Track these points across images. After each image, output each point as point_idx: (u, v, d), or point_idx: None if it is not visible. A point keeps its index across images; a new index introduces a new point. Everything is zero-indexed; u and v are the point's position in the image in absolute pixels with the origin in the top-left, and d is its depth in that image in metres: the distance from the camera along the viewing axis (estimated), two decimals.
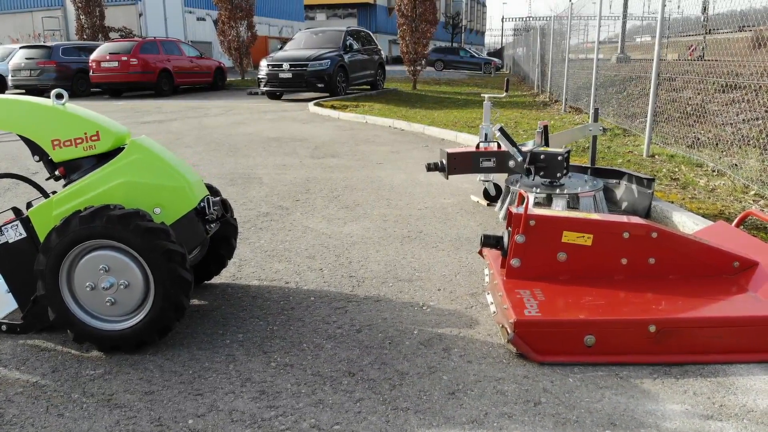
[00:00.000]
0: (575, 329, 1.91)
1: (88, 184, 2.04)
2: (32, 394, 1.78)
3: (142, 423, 1.63)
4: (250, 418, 1.64)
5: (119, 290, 1.95)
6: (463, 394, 1.74)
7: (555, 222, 2.19)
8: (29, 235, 2.09)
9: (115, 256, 1.94)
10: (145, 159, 2.10)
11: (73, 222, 1.91)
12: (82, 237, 1.92)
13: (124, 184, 2.03)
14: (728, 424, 1.60)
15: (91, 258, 1.95)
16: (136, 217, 1.92)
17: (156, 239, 1.90)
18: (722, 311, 2.04)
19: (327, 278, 2.69)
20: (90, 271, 1.95)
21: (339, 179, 4.86)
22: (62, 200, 2.04)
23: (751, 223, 3.25)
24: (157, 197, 2.06)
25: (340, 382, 1.82)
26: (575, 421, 1.61)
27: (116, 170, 2.05)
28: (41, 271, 1.95)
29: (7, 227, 2.10)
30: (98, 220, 1.90)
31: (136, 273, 1.94)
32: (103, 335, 1.98)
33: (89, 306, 1.99)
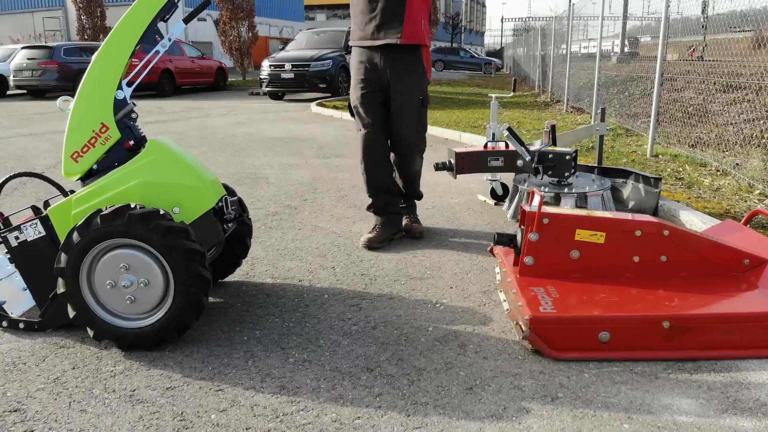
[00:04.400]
0: (590, 325, 1.93)
1: (107, 183, 2.06)
2: (54, 391, 1.80)
3: (165, 418, 1.65)
4: (272, 412, 1.67)
5: (139, 288, 1.98)
6: (481, 389, 1.77)
7: (568, 220, 2.21)
8: (48, 233, 2.11)
9: (136, 255, 1.96)
10: (164, 159, 2.12)
11: (95, 220, 1.93)
12: (103, 235, 1.94)
13: (143, 183, 2.05)
14: (742, 418, 1.62)
15: (112, 256, 1.97)
16: (157, 217, 1.94)
17: (176, 238, 1.92)
18: (734, 308, 2.07)
19: (339, 276, 2.71)
20: (110, 270, 1.97)
21: (346, 179, 4.88)
22: (81, 199, 2.06)
23: (759, 222, 3.28)
24: (176, 197, 2.08)
25: (359, 377, 1.84)
26: (593, 416, 1.64)
27: (135, 170, 2.07)
28: (62, 269, 1.97)
29: (26, 225, 2.12)
30: (119, 218, 1.92)
31: (156, 271, 1.96)
32: (123, 333, 2.01)
33: (109, 304, 2.01)
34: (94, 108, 2.09)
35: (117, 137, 2.11)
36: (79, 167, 2.11)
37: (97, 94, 2.09)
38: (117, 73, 2.09)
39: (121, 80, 2.11)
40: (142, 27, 2.09)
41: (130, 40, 2.08)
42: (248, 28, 19.61)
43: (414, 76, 3.04)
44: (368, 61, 3.05)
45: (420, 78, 3.07)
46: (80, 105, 2.10)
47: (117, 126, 2.11)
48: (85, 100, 2.10)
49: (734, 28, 5.33)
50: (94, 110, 2.09)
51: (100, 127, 2.09)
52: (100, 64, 2.10)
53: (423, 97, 3.09)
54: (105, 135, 2.09)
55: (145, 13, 2.08)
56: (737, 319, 1.97)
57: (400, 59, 2.99)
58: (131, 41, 2.08)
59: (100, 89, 2.09)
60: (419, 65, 3.04)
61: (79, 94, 2.10)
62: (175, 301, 1.97)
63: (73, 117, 2.10)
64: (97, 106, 2.09)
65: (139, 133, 2.22)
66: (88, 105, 2.10)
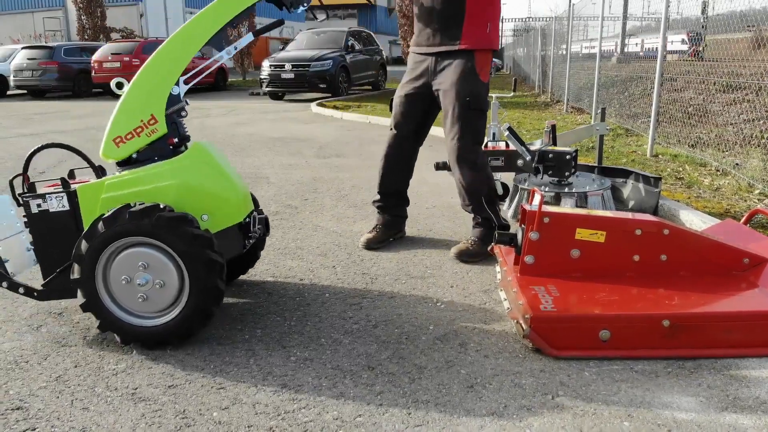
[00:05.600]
0: (590, 324, 1.94)
1: (143, 176, 2.04)
2: (56, 389, 1.81)
3: (168, 416, 1.66)
4: (274, 410, 1.67)
5: (154, 288, 1.97)
6: (481, 388, 1.77)
7: (569, 219, 2.22)
8: (72, 209, 2.08)
9: (156, 256, 1.95)
10: (205, 164, 2.11)
11: (123, 215, 1.91)
12: (128, 232, 1.92)
13: (180, 185, 2.03)
14: (742, 416, 1.63)
15: (133, 253, 1.95)
16: (185, 223, 1.93)
17: (201, 247, 1.92)
18: (734, 306, 2.07)
19: (340, 275, 2.72)
20: (128, 266, 1.96)
21: (346, 179, 4.89)
22: (114, 186, 2.03)
23: (758, 222, 3.29)
24: (208, 205, 2.07)
25: (360, 375, 1.85)
26: (593, 414, 1.64)
27: (175, 170, 2.05)
28: (81, 256, 1.95)
29: (51, 196, 2.08)
30: (147, 218, 1.90)
31: (173, 275, 1.95)
32: (127, 328, 2.00)
33: (120, 298, 2.00)
34: (148, 98, 2.07)
35: (163, 132, 2.09)
36: (119, 153, 2.09)
37: (154, 85, 2.08)
38: (179, 69, 2.08)
39: (179, 76, 2.10)
40: (214, 29, 2.08)
41: (199, 39, 2.08)
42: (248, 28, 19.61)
43: (463, 76, 2.76)
44: (421, 62, 2.93)
45: (469, 79, 2.77)
46: (135, 92, 2.08)
47: (165, 120, 2.09)
48: (141, 88, 2.08)
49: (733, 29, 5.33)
50: (148, 100, 2.07)
51: (150, 118, 2.06)
52: (163, 56, 2.08)
53: (471, 100, 2.77)
54: (152, 127, 2.07)
55: (221, 16, 2.08)
56: (737, 317, 1.98)
57: (451, 60, 2.81)
58: (200, 41, 2.08)
59: (159, 81, 2.08)
60: (470, 66, 2.77)
61: (136, 81, 2.08)
62: (186, 306, 1.96)
63: (124, 102, 2.08)
64: (152, 97, 2.07)
65: (184, 131, 2.22)
66: (142, 94, 2.08)
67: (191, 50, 2.08)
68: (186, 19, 20.06)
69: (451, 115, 2.81)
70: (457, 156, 2.85)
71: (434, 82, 2.88)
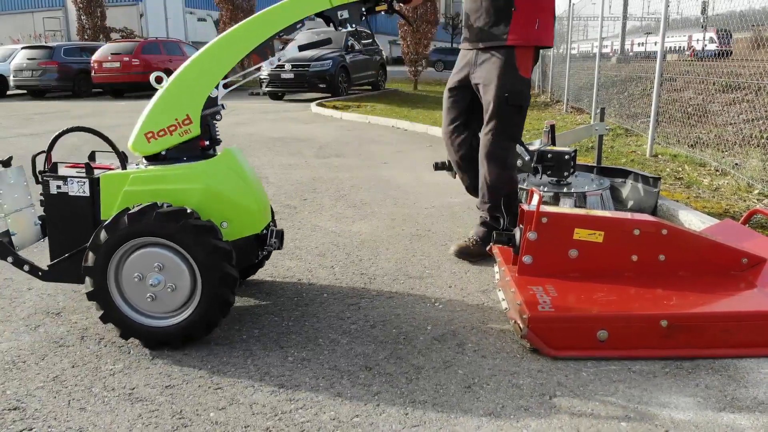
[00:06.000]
0: (588, 324, 1.94)
1: (170, 175, 2.02)
2: (53, 389, 1.80)
3: (164, 416, 1.65)
4: (271, 410, 1.67)
5: (164, 290, 1.95)
6: (479, 388, 1.77)
7: (567, 219, 2.22)
8: (92, 196, 2.06)
9: (172, 258, 1.93)
10: (233, 172, 2.11)
11: (150, 214, 1.90)
12: (153, 232, 1.90)
13: (205, 190, 2.02)
14: (740, 416, 1.63)
15: (149, 252, 1.94)
16: (210, 232, 1.92)
17: (219, 259, 1.91)
18: (732, 306, 2.07)
19: (338, 275, 2.72)
20: (143, 264, 1.95)
21: (345, 179, 4.88)
22: (139, 180, 2.02)
23: (757, 222, 3.29)
24: (230, 213, 2.06)
25: (358, 376, 1.85)
26: (590, 414, 1.64)
27: (203, 173, 2.04)
28: (98, 246, 1.92)
29: (72, 180, 2.06)
30: (173, 222, 1.89)
31: (186, 281, 1.94)
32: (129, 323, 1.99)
33: (129, 293, 1.99)
34: (186, 97, 2.06)
35: (196, 133, 2.07)
36: (149, 148, 2.06)
37: (194, 85, 2.06)
38: (222, 72, 2.07)
39: (221, 80, 2.09)
40: (263, 37, 2.07)
41: (247, 44, 2.07)
42: None
43: (502, 71, 2.71)
44: (465, 56, 2.92)
45: (508, 74, 2.70)
46: (174, 89, 2.07)
47: (200, 122, 2.08)
48: (180, 86, 2.07)
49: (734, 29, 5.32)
50: (185, 99, 2.05)
51: (185, 118, 2.04)
52: (208, 58, 2.07)
53: (509, 96, 2.70)
54: (186, 127, 2.05)
55: (272, 26, 2.08)
56: (735, 318, 1.97)
57: (492, 55, 2.76)
58: (248, 46, 2.07)
59: (200, 82, 2.06)
60: (510, 61, 2.71)
61: (177, 79, 2.07)
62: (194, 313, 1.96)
63: (161, 97, 2.06)
64: (190, 97, 2.05)
65: (216, 134, 2.21)
66: (181, 92, 2.06)
67: (237, 55, 2.07)
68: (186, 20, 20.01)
69: (489, 110, 2.77)
70: (488, 152, 2.79)
71: (473, 76, 2.86)
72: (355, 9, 2.18)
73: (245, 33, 2.08)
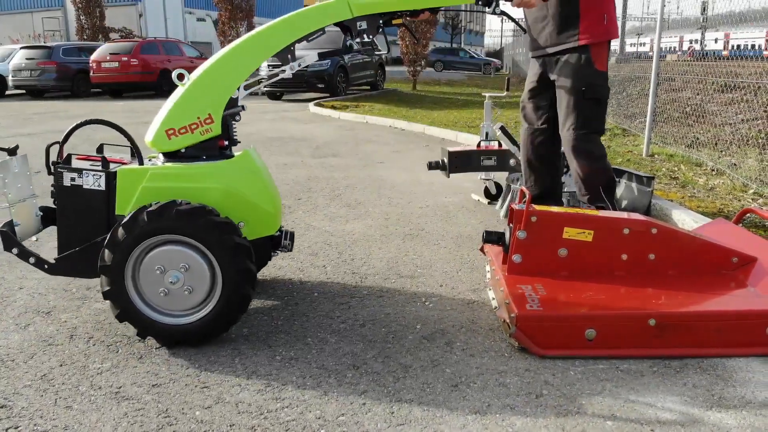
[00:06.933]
0: (576, 323, 1.93)
1: (190, 174, 2.02)
2: (40, 387, 1.80)
3: (150, 415, 1.65)
4: (257, 409, 1.67)
5: (183, 288, 1.95)
6: (466, 387, 1.77)
7: (556, 218, 2.22)
8: (107, 191, 2.05)
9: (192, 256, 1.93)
10: (251, 173, 2.13)
11: (167, 212, 1.89)
12: (171, 229, 1.90)
13: (224, 189, 2.02)
14: (727, 416, 1.62)
15: (168, 250, 1.94)
16: (229, 228, 1.92)
17: (240, 256, 1.91)
18: (721, 306, 2.07)
19: (330, 275, 2.72)
20: (162, 261, 1.94)
21: (340, 178, 4.88)
22: (157, 176, 2.01)
23: (750, 221, 3.28)
24: (248, 214, 2.06)
25: (345, 374, 1.84)
26: (576, 413, 1.64)
27: (223, 173, 2.05)
28: (117, 243, 1.91)
29: (88, 173, 2.05)
30: (193, 219, 1.89)
31: (206, 278, 1.94)
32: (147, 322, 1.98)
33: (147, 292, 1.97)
34: (209, 96, 2.06)
35: (217, 133, 2.07)
36: (168, 145, 2.06)
37: (217, 85, 2.06)
38: (245, 73, 2.08)
39: (243, 81, 2.10)
40: (286, 41, 2.09)
41: (271, 48, 2.08)
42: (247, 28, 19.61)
43: (579, 67, 2.74)
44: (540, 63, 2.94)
45: (584, 69, 2.74)
46: (196, 88, 2.07)
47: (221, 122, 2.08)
48: (204, 85, 2.07)
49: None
50: (208, 99, 2.05)
51: (207, 117, 2.04)
52: (232, 59, 2.08)
53: (586, 89, 2.72)
54: (207, 126, 2.05)
55: (297, 30, 2.10)
56: (724, 317, 1.97)
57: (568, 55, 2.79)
58: (271, 50, 2.08)
59: (223, 82, 2.07)
60: (586, 57, 2.75)
61: (201, 78, 2.07)
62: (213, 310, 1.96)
63: (184, 95, 2.06)
64: (213, 97, 2.06)
65: (234, 135, 2.21)
66: (204, 91, 2.06)
67: (261, 58, 2.08)
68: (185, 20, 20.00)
69: (566, 106, 2.79)
70: (572, 147, 2.79)
71: (550, 76, 2.88)
72: (373, 21, 2.22)
73: (269, 37, 2.09)
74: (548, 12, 2.81)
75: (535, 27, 2.92)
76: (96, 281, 2.61)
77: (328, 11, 2.13)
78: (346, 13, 2.14)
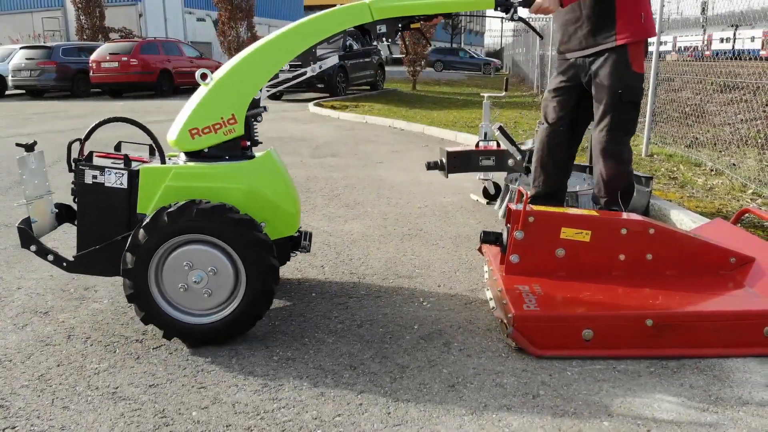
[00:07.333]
0: (573, 323, 1.93)
1: (214, 173, 2.03)
2: (37, 387, 1.80)
3: (147, 415, 1.65)
4: (253, 410, 1.67)
5: (206, 286, 1.95)
6: (462, 387, 1.77)
7: (553, 218, 2.22)
8: (129, 189, 2.05)
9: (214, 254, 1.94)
10: (273, 173, 2.15)
11: (188, 212, 1.89)
12: (194, 228, 1.90)
13: (250, 191, 2.03)
14: (723, 416, 1.62)
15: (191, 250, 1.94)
16: (250, 225, 1.93)
17: (262, 252, 1.92)
18: (718, 306, 2.07)
19: (328, 275, 2.72)
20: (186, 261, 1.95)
21: (339, 178, 4.88)
22: (180, 176, 2.02)
23: (749, 221, 3.28)
24: (270, 214, 2.07)
25: (342, 375, 1.84)
26: (573, 413, 1.64)
27: (246, 173, 2.06)
28: (139, 245, 1.90)
29: (110, 171, 2.05)
30: (214, 218, 1.89)
31: (230, 276, 1.95)
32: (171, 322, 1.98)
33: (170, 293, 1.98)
34: (232, 97, 2.06)
35: (240, 133, 2.08)
36: (192, 144, 2.07)
37: (242, 85, 2.07)
38: (269, 74, 2.09)
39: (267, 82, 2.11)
40: (309, 43, 2.11)
41: (294, 49, 2.10)
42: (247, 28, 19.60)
43: (616, 69, 2.70)
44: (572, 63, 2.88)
45: (622, 71, 2.70)
46: (220, 88, 2.07)
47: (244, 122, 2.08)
48: (228, 85, 2.07)
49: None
50: (232, 99, 2.06)
51: (230, 117, 2.05)
52: (256, 59, 2.09)
53: (623, 92, 2.69)
54: (230, 126, 2.06)
55: (319, 32, 2.11)
56: (722, 317, 1.97)
57: (605, 56, 2.74)
58: (294, 51, 2.09)
59: (247, 83, 2.08)
60: (623, 58, 2.70)
61: (224, 78, 2.08)
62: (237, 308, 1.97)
63: (208, 95, 2.07)
64: (236, 97, 2.06)
65: (255, 135, 2.22)
66: (228, 92, 2.07)
67: (284, 59, 2.09)
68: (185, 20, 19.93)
69: (602, 107, 2.76)
70: (603, 148, 2.78)
71: (582, 78, 2.85)
72: (392, 25, 2.24)
73: (292, 39, 2.11)
74: (581, 13, 2.77)
75: (566, 29, 2.88)
76: (96, 280, 2.61)
77: (350, 14, 2.16)
78: (367, 16, 2.18)
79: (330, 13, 2.15)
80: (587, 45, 2.79)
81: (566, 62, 2.93)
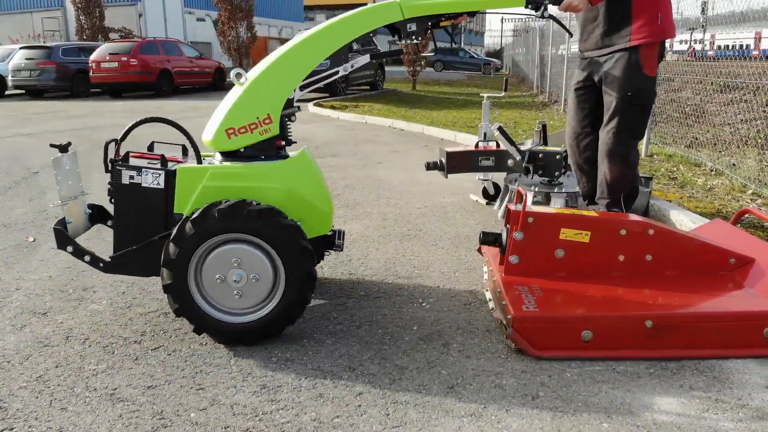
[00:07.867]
0: (573, 324, 1.93)
1: (251, 173, 2.03)
2: (36, 389, 1.80)
3: (145, 417, 1.65)
4: (252, 411, 1.66)
5: (245, 286, 1.96)
6: (461, 388, 1.76)
7: (553, 219, 2.21)
8: (166, 189, 2.05)
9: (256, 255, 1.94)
10: (308, 173, 2.16)
11: (239, 211, 1.89)
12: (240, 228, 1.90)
13: (288, 191, 2.04)
14: (723, 418, 1.62)
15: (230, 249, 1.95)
16: (296, 232, 1.93)
17: (305, 259, 1.93)
18: (718, 307, 2.06)
19: (327, 275, 2.71)
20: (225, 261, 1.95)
21: (339, 178, 4.88)
22: (218, 176, 2.02)
23: (748, 221, 3.28)
24: (306, 213, 2.08)
25: (341, 376, 1.84)
26: (572, 415, 1.63)
27: (283, 173, 2.07)
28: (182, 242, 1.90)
29: (147, 171, 2.05)
30: (264, 220, 1.89)
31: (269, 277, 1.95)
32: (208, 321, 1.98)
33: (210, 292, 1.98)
34: (268, 97, 2.07)
35: (275, 133, 2.09)
36: (228, 144, 2.07)
37: (277, 85, 2.08)
38: (303, 74, 2.10)
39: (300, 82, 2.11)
40: (341, 43, 2.12)
41: (327, 49, 2.10)
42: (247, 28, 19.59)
43: (627, 70, 2.70)
44: (589, 62, 2.90)
45: (633, 73, 2.69)
46: (256, 88, 2.08)
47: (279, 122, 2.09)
48: (263, 86, 2.08)
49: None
50: (268, 99, 2.07)
51: (266, 117, 2.06)
52: (290, 59, 2.10)
53: (633, 95, 2.70)
54: (266, 126, 2.06)
55: (352, 32, 2.13)
56: (721, 318, 1.97)
57: (618, 56, 2.75)
58: (327, 51, 2.10)
59: (282, 83, 2.08)
60: (635, 59, 2.70)
61: (259, 78, 2.08)
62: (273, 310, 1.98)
63: (244, 95, 2.07)
64: (272, 97, 2.07)
65: (289, 135, 2.23)
66: (264, 92, 2.08)
67: (318, 58, 2.10)
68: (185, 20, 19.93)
69: (611, 108, 2.77)
70: (609, 149, 2.79)
71: (597, 77, 2.86)
72: (422, 23, 2.25)
73: (325, 38, 2.12)
74: (599, 13, 2.78)
75: (585, 28, 2.89)
76: (94, 281, 2.61)
77: (381, 13, 2.17)
78: (398, 15, 2.19)
79: (361, 13, 2.16)
80: (603, 44, 2.80)
81: (584, 61, 2.95)
